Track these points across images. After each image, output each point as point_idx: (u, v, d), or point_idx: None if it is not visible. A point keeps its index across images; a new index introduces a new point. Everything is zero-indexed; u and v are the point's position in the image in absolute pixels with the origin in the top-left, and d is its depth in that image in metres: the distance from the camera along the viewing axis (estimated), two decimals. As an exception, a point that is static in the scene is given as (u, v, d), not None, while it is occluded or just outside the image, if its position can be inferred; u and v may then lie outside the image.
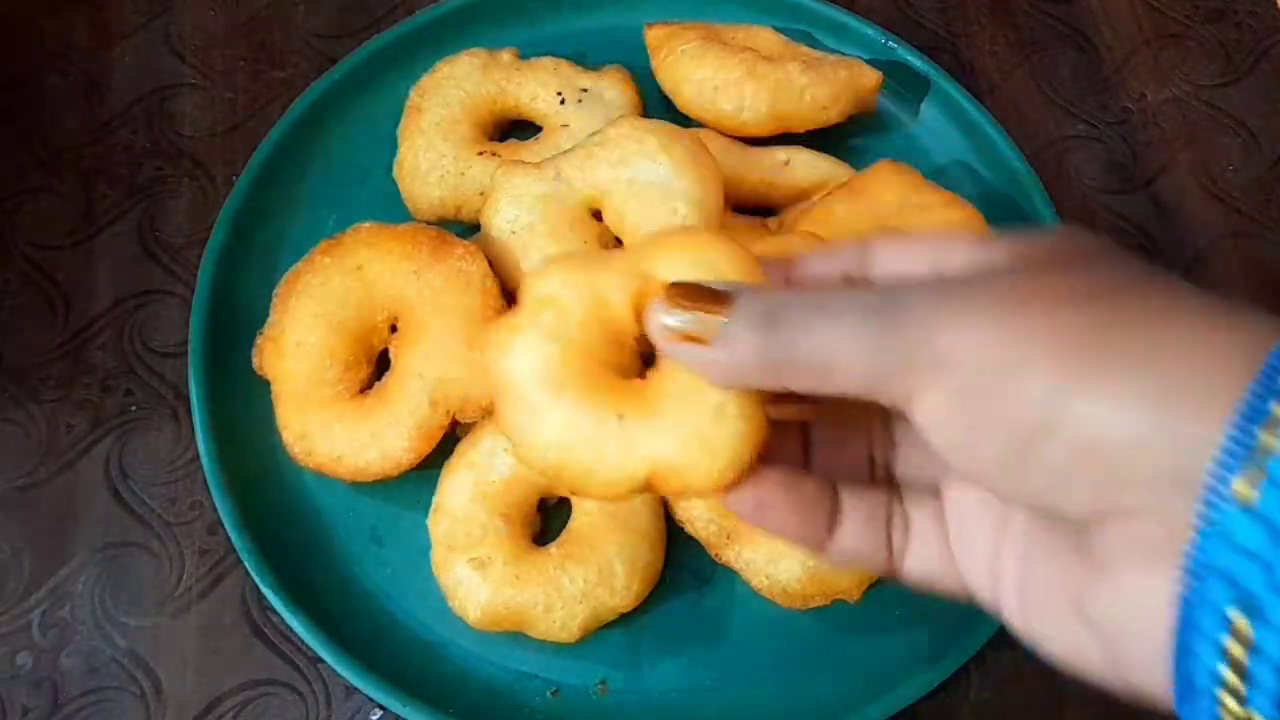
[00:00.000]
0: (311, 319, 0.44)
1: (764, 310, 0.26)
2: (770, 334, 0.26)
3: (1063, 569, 0.25)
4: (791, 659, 0.43)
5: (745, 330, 0.26)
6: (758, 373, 0.27)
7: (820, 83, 0.51)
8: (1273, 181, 0.58)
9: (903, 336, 0.24)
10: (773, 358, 0.26)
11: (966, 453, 0.24)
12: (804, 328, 0.26)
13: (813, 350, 0.25)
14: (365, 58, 0.54)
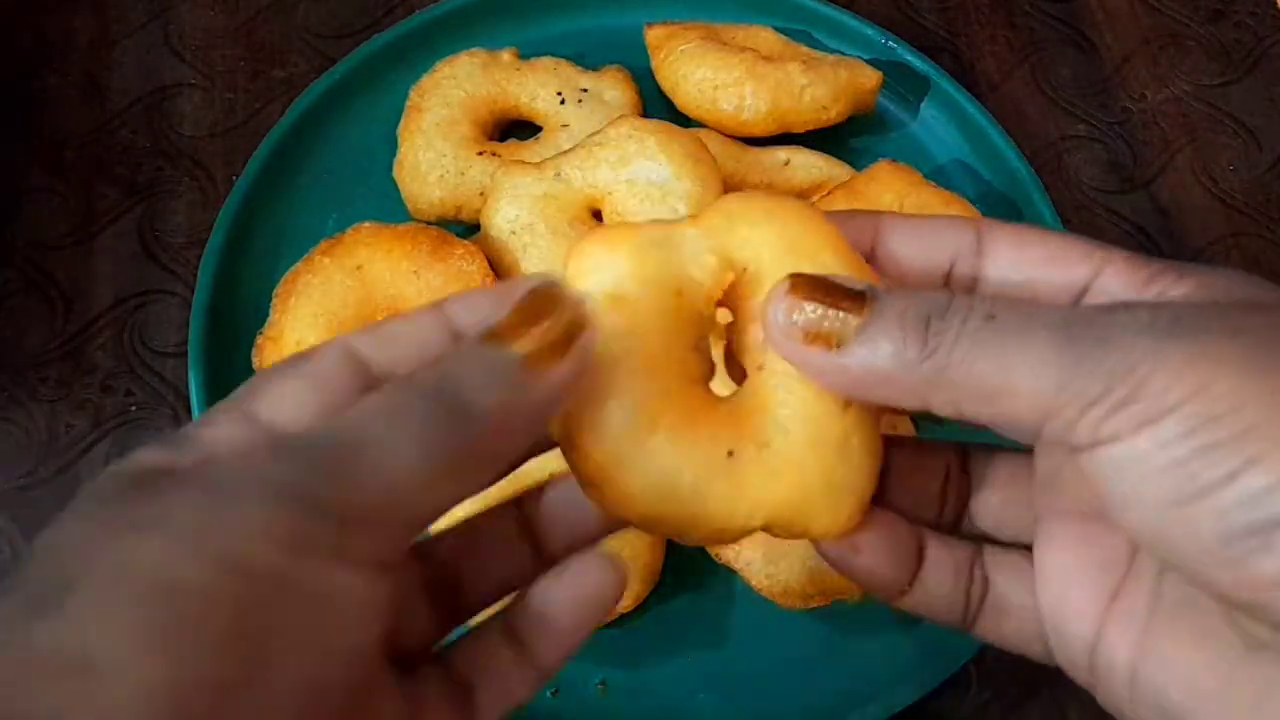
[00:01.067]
0: (311, 319, 0.44)
1: (915, 314, 0.23)
2: (922, 343, 0.22)
3: (1232, 669, 0.22)
4: (791, 659, 0.43)
5: (889, 335, 0.23)
6: (898, 388, 0.23)
7: (820, 83, 0.51)
8: (1273, 181, 0.58)
9: (1110, 367, 0.21)
10: (924, 373, 0.22)
11: (1167, 517, 0.21)
12: (971, 342, 0.22)
13: (983, 370, 0.22)
14: (365, 58, 0.54)
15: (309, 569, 0.19)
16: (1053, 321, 0.22)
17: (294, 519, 0.19)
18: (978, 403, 0.22)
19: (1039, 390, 0.21)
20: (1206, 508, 0.20)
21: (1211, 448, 0.20)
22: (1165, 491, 0.21)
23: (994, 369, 0.22)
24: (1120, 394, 0.21)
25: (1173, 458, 0.21)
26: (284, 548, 0.19)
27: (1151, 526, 0.22)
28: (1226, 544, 0.20)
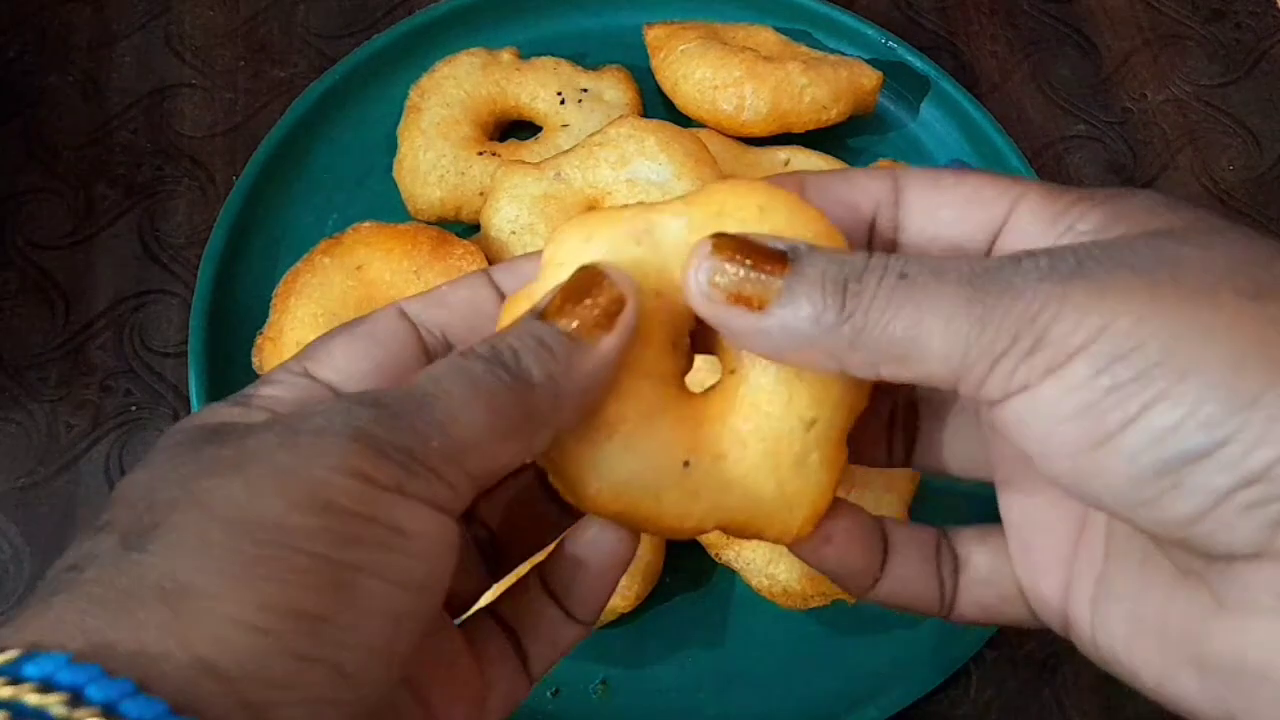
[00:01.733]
0: (311, 319, 0.44)
1: (835, 275, 0.22)
2: (841, 306, 0.22)
3: (1166, 599, 0.22)
4: (791, 659, 0.43)
5: (810, 297, 0.22)
6: (818, 351, 0.23)
7: (820, 83, 0.51)
8: (1273, 181, 0.58)
9: (1015, 317, 0.21)
10: (843, 335, 0.22)
11: (1080, 463, 0.21)
12: (886, 302, 0.22)
13: (895, 331, 0.22)
14: (365, 58, 0.54)
15: (386, 504, 0.20)
16: (960, 276, 0.22)
17: (371, 458, 0.20)
18: (894, 364, 0.22)
19: (950, 349, 0.21)
20: (1117, 450, 0.20)
21: (1117, 388, 0.20)
22: (1077, 437, 0.21)
23: (905, 329, 0.22)
24: (1026, 343, 0.21)
25: (1081, 402, 0.20)
26: (362, 484, 0.20)
27: (1070, 474, 0.21)
28: (1139, 486, 0.20)
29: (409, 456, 0.20)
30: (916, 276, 0.22)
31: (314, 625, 0.18)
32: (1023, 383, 0.21)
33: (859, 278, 0.22)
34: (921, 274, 0.22)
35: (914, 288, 0.22)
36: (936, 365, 0.22)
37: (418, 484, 0.20)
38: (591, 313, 0.23)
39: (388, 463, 0.20)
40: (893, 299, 0.22)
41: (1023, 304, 0.21)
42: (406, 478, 0.20)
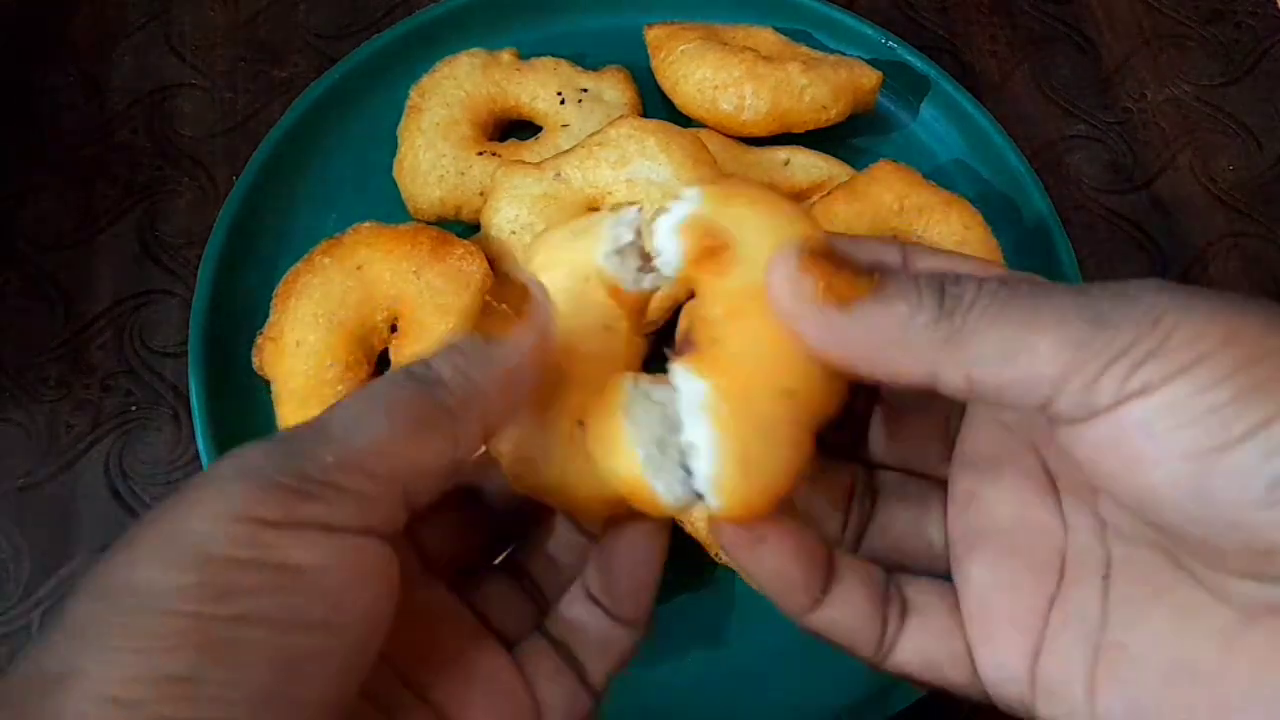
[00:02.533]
0: (311, 319, 0.44)
1: (930, 281, 0.22)
2: (939, 304, 0.22)
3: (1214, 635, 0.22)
4: (791, 659, 0.43)
5: (905, 295, 0.22)
6: (908, 352, 0.22)
7: (820, 83, 0.51)
8: (1273, 181, 0.58)
9: (1136, 319, 0.21)
10: (939, 334, 0.22)
11: (1196, 468, 0.20)
12: (989, 302, 0.22)
13: (1003, 329, 0.21)
14: (365, 58, 0.54)
15: (270, 542, 0.20)
16: (1068, 289, 0.22)
17: (255, 494, 0.20)
18: (997, 363, 0.22)
19: (1061, 345, 0.21)
20: (1248, 452, 0.20)
21: (1249, 391, 0.20)
22: (1201, 440, 0.20)
23: (1015, 326, 0.21)
24: (1148, 344, 0.20)
25: (1208, 404, 0.20)
26: (245, 526, 0.19)
27: (1186, 479, 0.21)
28: (1258, 495, 0.20)
29: (301, 478, 0.20)
30: (1019, 285, 0.22)
31: (184, 688, 0.18)
32: (1143, 385, 0.21)
33: (956, 282, 0.22)
34: (1024, 284, 0.22)
35: (1020, 293, 0.22)
36: (1045, 363, 0.21)
37: (312, 507, 0.20)
38: (499, 310, 0.23)
39: (276, 493, 0.20)
40: (997, 299, 0.22)
41: (1142, 309, 0.21)
42: (298, 503, 0.20)
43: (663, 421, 0.24)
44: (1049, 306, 0.21)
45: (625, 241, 0.25)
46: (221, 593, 0.19)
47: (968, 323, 0.22)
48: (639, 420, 0.24)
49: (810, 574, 0.25)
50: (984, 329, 0.22)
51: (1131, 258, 0.55)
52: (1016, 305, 0.22)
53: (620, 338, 0.25)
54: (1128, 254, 0.55)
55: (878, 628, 0.26)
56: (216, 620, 0.19)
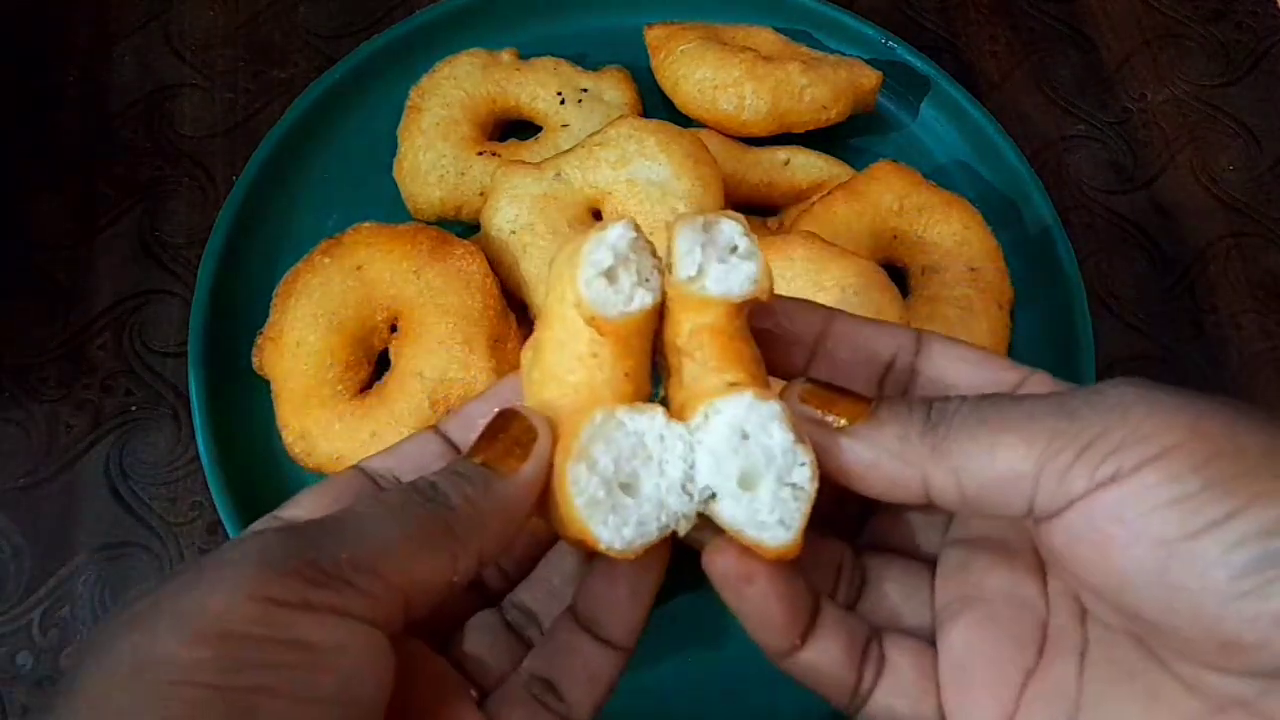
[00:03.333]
0: (311, 319, 0.44)
1: (917, 404, 0.25)
2: (926, 421, 0.24)
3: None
4: (791, 659, 0.43)
5: (897, 419, 0.25)
6: (903, 464, 0.24)
7: (820, 83, 0.51)
8: (1273, 181, 0.58)
9: (1104, 412, 0.22)
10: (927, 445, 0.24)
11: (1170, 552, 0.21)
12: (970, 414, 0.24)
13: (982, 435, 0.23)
14: (365, 58, 0.54)
15: (287, 621, 0.21)
16: (1044, 396, 0.24)
17: (273, 577, 0.21)
18: (979, 463, 0.23)
19: (1035, 438, 0.23)
20: (1211, 543, 0.21)
21: (1218, 482, 0.21)
22: (1170, 526, 0.21)
23: (992, 428, 0.23)
24: (1119, 435, 0.22)
25: (1176, 494, 0.21)
26: (262, 605, 0.20)
27: (1153, 566, 0.21)
28: (1239, 576, 0.20)
29: (315, 569, 0.21)
30: (999, 399, 0.24)
31: None
32: (1114, 472, 0.22)
33: (944, 403, 0.24)
34: (1003, 397, 0.24)
35: (997, 401, 0.24)
36: (1019, 460, 0.23)
37: (325, 594, 0.21)
38: (504, 444, 0.25)
39: (291, 579, 0.21)
40: (976, 409, 0.24)
41: (1110, 402, 0.22)
42: (311, 590, 0.21)
43: (634, 453, 0.25)
44: (1024, 409, 0.23)
45: (605, 265, 0.25)
46: (238, 666, 0.20)
47: (951, 430, 0.24)
48: (597, 458, 0.24)
49: (793, 619, 0.26)
50: (967, 435, 0.24)
51: (1131, 258, 0.55)
52: (995, 410, 0.24)
53: (606, 365, 0.25)
54: (1128, 254, 0.55)
55: (851, 680, 0.27)
56: (234, 691, 0.19)
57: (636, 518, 0.24)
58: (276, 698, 0.20)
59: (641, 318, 0.25)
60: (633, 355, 0.25)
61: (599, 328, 0.25)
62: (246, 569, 0.21)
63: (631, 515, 0.24)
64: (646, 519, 0.25)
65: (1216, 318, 0.54)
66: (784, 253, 0.44)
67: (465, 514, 0.24)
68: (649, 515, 0.25)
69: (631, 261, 0.25)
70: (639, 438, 0.25)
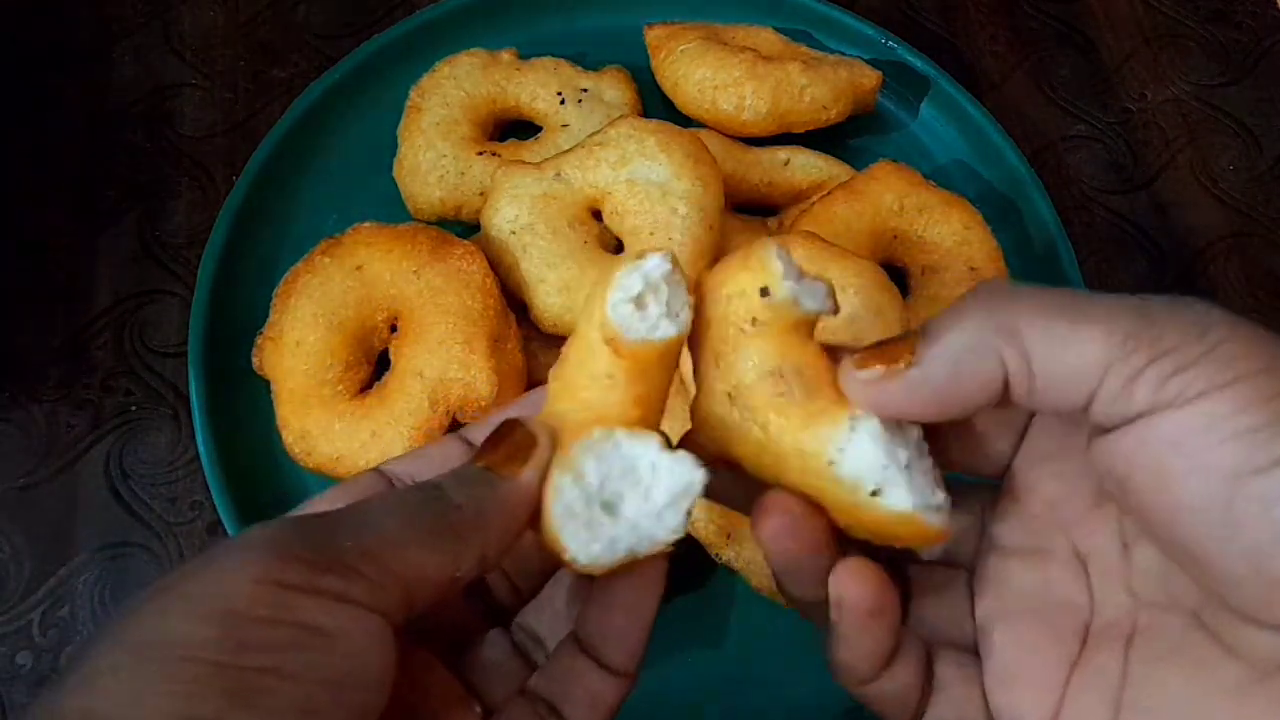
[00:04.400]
0: (311, 319, 0.44)
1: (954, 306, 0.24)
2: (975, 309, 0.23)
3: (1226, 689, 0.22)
4: (791, 659, 0.43)
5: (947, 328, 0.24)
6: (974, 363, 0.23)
7: (820, 83, 0.51)
8: (1273, 181, 0.58)
9: (1185, 324, 0.21)
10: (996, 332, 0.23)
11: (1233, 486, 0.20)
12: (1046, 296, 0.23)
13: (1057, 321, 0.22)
14: (365, 58, 0.54)
15: (294, 603, 0.21)
16: (1121, 297, 0.22)
17: (279, 561, 0.21)
18: (1052, 349, 0.22)
19: (1110, 333, 0.21)
20: (1277, 479, 0.20)
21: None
22: (1235, 459, 0.20)
23: (1067, 318, 0.22)
24: (1194, 351, 0.21)
25: (1244, 425, 0.20)
26: (269, 588, 0.21)
27: (1213, 498, 0.21)
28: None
29: (321, 555, 0.22)
30: (1077, 293, 0.23)
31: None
32: (1180, 393, 0.21)
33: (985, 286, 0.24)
34: (1079, 293, 0.23)
35: (1078, 297, 0.23)
36: (1094, 350, 0.22)
37: (330, 580, 0.22)
38: (506, 450, 0.26)
39: (297, 564, 0.21)
40: (1041, 290, 0.23)
41: (1192, 317, 0.21)
42: (317, 575, 0.21)
43: (624, 474, 0.25)
44: (1103, 305, 0.22)
45: (635, 291, 0.25)
46: (245, 646, 0.20)
47: (1022, 314, 0.23)
48: (585, 472, 0.25)
49: (890, 648, 0.26)
50: (1040, 321, 0.22)
51: (1131, 258, 0.55)
52: (1071, 301, 0.23)
53: (619, 388, 0.25)
54: (1128, 254, 0.55)
55: (915, 702, 0.27)
56: (239, 670, 0.20)
57: (608, 536, 0.25)
58: (280, 678, 0.20)
59: (662, 347, 0.25)
60: (647, 383, 0.26)
61: (616, 349, 0.25)
62: (254, 554, 0.21)
63: (603, 533, 0.25)
64: (617, 540, 0.25)
65: (1216, 318, 0.53)
66: (784, 253, 0.44)
67: (467, 512, 0.24)
68: (620, 536, 0.25)
69: (663, 292, 0.26)
70: (631, 461, 0.25)
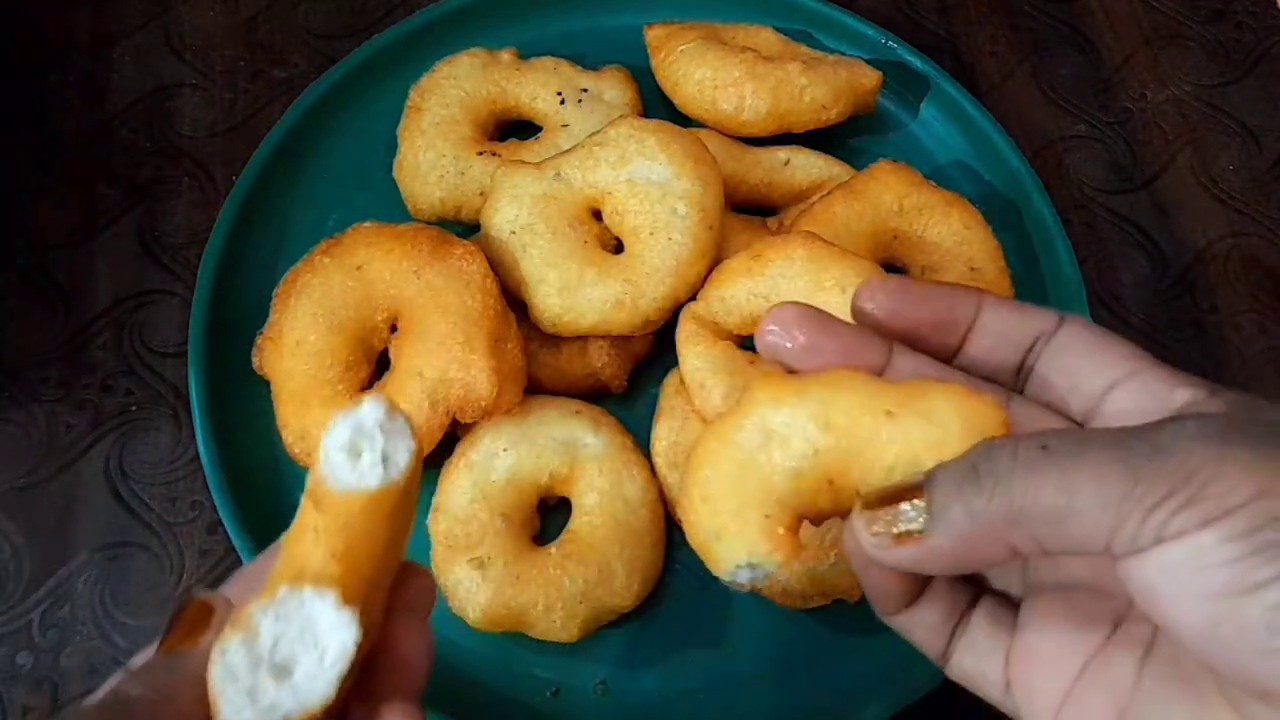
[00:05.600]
0: (311, 319, 0.44)
1: (962, 470, 0.25)
2: (978, 488, 0.24)
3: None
4: (791, 659, 0.43)
5: (957, 498, 0.25)
6: (986, 540, 0.24)
7: (820, 83, 0.51)
8: (1272, 181, 0.58)
9: (1170, 472, 0.22)
10: (997, 513, 0.24)
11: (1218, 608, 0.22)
12: (1028, 473, 0.24)
13: (1049, 496, 0.23)
14: (365, 58, 0.54)
15: None
16: (1107, 442, 0.24)
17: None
18: (1051, 528, 0.24)
19: (1104, 505, 0.23)
20: (1258, 601, 0.22)
21: (1271, 545, 0.22)
22: (1220, 584, 0.22)
23: (1056, 494, 0.23)
24: (1185, 494, 0.22)
25: (1233, 553, 0.22)
26: None
27: (1201, 618, 0.23)
28: (1275, 634, 0.22)
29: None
30: (1058, 448, 0.24)
31: None
32: (1178, 530, 0.22)
33: (986, 457, 0.25)
34: (1063, 445, 0.24)
35: (1058, 456, 0.24)
36: (1091, 525, 0.23)
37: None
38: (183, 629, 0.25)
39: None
40: (1036, 468, 0.24)
41: (1177, 460, 0.23)
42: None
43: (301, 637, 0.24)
44: (1089, 466, 0.23)
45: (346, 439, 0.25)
46: None
47: (1014, 494, 0.24)
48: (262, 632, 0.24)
49: (907, 590, 0.29)
50: (1033, 498, 0.24)
51: (1131, 258, 0.55)
52: (1058, 470, 0.23)
53: (321, 542, 0.24)
54: (1128, 254, 0.55)
55: (944, 641, 0.29)
56: None
57: (267, 703, 0.24)
58: None
59: (366, 499, 0.24)
60: (348, 538, 0.24)
61: (315, 501, 0.24)
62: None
63: (264, 699, 0.24)
64: (276, 707, 0.24)
65: (1216, 318, 0.54)
66: (784, 253, 0.44)
67: (145, 702, 0.24)
68: (280, 703, 0.24)
69: (378, 440, 0.25)
70: (312, 620, 0.24)
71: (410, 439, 0.25)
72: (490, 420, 0.44)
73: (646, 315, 0.45)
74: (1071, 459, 0.24)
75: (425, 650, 0.27)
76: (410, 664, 0.27)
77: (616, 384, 0.47)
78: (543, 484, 0.43)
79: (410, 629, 0.27)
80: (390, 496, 0.25)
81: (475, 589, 0.41)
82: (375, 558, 0.25)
